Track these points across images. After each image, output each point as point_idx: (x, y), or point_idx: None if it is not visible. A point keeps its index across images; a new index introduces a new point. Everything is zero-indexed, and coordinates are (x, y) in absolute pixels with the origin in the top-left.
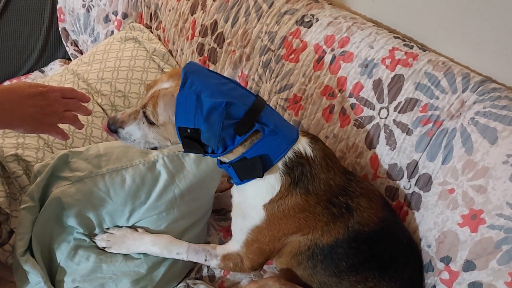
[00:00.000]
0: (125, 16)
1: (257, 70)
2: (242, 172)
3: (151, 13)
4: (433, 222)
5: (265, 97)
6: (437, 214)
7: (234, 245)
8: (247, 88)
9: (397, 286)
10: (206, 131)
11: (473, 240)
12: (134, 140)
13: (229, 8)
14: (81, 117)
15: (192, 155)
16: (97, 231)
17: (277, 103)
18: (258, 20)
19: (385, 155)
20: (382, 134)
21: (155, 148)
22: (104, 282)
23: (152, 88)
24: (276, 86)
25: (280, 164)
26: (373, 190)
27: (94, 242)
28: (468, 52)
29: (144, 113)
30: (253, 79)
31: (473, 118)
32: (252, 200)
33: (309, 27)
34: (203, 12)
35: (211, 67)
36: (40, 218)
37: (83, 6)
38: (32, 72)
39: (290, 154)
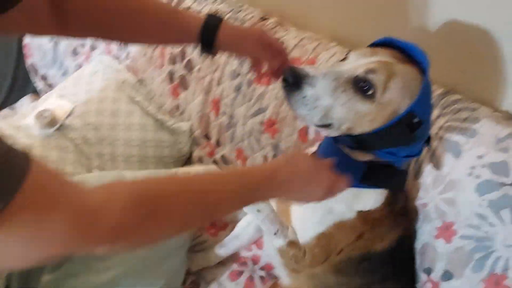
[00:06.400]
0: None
1: (228, 95)
2: (374, 178)
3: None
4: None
5: (241, 121)
6: (417, 228)
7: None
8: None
9: None
10: (426, 128)
11: (448, 250)
12: (315, 107)
13: None
14: None
15: None
16: None
17: (253, 127)
18: None
19: None
20: None
21: (324, 126)
22: None
23: (375, 55)
24: (250, 110)
25: None
26: None
27: None
28: None
29: (362, 80)
30: (226, 104)
31: (437, 133)
32: (349, 204)
33: None
34: None
35: (183, 94)
36: None
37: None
38: (1, 109)
39: None
